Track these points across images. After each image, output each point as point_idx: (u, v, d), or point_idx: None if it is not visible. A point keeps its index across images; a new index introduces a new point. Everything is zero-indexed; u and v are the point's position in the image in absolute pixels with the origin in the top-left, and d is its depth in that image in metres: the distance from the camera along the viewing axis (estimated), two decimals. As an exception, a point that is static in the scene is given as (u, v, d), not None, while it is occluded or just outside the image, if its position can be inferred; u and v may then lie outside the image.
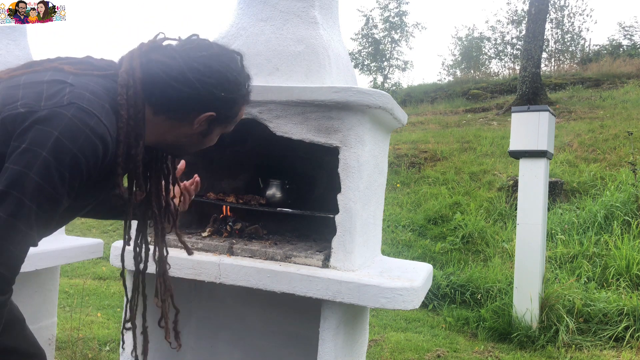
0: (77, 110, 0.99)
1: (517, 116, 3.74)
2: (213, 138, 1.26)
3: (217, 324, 2.26)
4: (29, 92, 1.02)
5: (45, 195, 0.95)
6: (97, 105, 1.03)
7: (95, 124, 1.00)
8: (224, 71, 1.17)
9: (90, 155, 0.98)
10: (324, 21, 2.12)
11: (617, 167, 6.33)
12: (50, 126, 0.96)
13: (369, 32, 18.71)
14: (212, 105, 1.18)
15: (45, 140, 0.94)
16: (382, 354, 3.22)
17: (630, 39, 16.19)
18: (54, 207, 0.98)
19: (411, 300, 1.63)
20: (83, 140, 0.97)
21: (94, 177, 1.04)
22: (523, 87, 10.50)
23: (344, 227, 1.77)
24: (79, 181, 0.99)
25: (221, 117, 1.21)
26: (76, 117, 0.98)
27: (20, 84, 1.06)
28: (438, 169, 7.55)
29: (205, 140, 1.26)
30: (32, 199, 0.93)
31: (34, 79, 1.07)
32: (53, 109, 0.98)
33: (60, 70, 1.10)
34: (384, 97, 1.76)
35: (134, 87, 1.12)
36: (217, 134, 1.27)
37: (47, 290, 2.46)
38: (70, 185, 0.98)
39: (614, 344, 3.40)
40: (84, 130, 0.98)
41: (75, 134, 0.97)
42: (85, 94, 1.03)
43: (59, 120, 0.96)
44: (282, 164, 2.27)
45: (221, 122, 1.23)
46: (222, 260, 1.78)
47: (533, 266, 3.66)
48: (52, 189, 0.95)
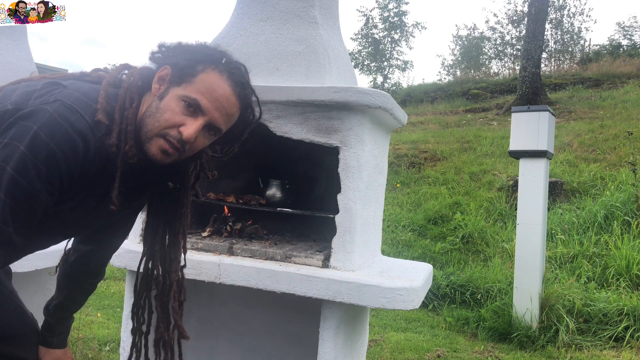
0: (60, 106, 0.99)
1: (517, 116, 3.74)
2: (170, 103, 1.07)
3: (217, 324, 2.26)
4: (22, 93, 1.03)
5: (21, 190, 0.93)
6: (83, 104, 1.02)
7: (76, 120, 0.99)
8: (198, 42, 1.16)
9: (68, 151, 0.96)
10: (324, 21, 2.12)
11: (617, 167, 6.33)
12: (31, 121, 0.95)
13: (369, 32, 18.72)
14: (170, 59, 1.12)
15: (24, 135, 0.94)
16: (382, 354, 3.22)
17: (630, 39, 16.19)
18: (31, 202, 0.96)
19: (411, 300, 1.63)
20: (61, 135, 0.96)
21: (75, 177, 1.01)
22: (523, 87, 10.50)
23: (344, 227, 1.77)
24: (57, 177, 0.97)
25: (175, 73, 1.09)
26: (57, 112, 0.97)
27: (19, 86, 1.07)
28: (438, 169, 7.55)
29: (162, 106, 1.07)
30: (7, 193, 0.92)
31: (33, 82, 1.08)
32: (38, 106, 0.98)
33: (62, 78, 1.10)
34: (384, 97, 1.76)
35: (132, 77, 1.13)
36: (173, 98, 1.07)
37: (47, 290, 2.46)
38: (48, 181, 0.96)
39: (614, 344, 3.40)
40: (63, 125, 0.96)
41: (54, 129, 0.95)
42: (74, 94, 1.03)
43: (40, 116, 0.96)
44: (282, 164, 2.27)
45: (175, 80, 1.09)
46: (222, 260, 1.78)
47: (533, 266, 3.66)
48: (28, 184, 0.93)
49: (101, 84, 1.11)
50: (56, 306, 1.41)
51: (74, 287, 1.43)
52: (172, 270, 1.33)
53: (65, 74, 1.15)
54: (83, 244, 1.39)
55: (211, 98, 1.08)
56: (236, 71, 1.13)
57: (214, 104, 1.08)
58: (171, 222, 1.32)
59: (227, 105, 1.10)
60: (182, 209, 1.31)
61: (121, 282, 4.79)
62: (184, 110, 1.07)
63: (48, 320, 1.41)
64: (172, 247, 1.33)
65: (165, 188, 1.30)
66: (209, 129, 1.12)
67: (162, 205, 1.32)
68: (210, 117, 1.09)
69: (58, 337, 1.40)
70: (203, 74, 1.08)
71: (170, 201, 1.30)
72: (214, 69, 1.10)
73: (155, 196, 1.32)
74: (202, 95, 1.07)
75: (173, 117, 1.06)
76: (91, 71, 1.19)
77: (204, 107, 1.07)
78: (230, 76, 1.11)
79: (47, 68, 10.30)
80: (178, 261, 1.34)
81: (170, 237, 1.33)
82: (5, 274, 1.36)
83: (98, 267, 1.44)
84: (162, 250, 1.33)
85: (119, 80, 1.14)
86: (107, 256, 1.46)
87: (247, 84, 1.15)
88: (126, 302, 1.97)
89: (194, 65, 1.09)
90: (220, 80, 1.09)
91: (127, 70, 1.17)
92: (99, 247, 1.40)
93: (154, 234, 1.33)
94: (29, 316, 1.35)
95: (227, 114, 1.11)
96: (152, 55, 1.15)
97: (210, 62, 1.10)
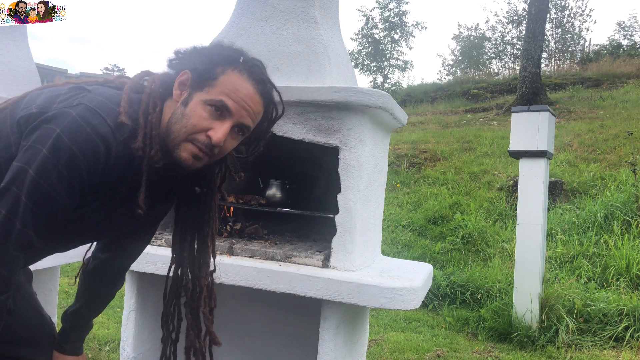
0: (83, 109, 0.99)
1: (517, 116, 3.74)
2: (195, 109, 1.06)
3: (217, 324, 2.25)
4: (47, 97, 1.04)
5: (41, 193, 0.93)
6: (106, 107, 1.02)
7: (98, 124, 0.99)
8: (212, 43, 1.17)
9: (89, 155, 0.97)
10: (324, 21, 2.12)
11: (617, 167, 6.33)
12: (54, 124, 0.96)
13: (369, 32, 18.72)
14: (188, 64, 1.12)
15: (47, 138, 0.94)
16: (382, 354, 3.22)
17: (630, 39, 16.19)
18: (52, 205, 0.96)
19: (411, 300, 1.63)
20: (83, 138, 0.96)
21: (96, 181, 1.00)
22: (523, 87, 10.50)
23: (344, 227, 1.77)
24: (78, 181, 0.97)
25: (196, 78, 1.09)
26: (80, 115, 0.98)
27: (44, 91, 1.07)
28: (438, 169, 7.55)
29: (187, 112, 1.07)
30: (28, 196, 0.92)
31: (58, 87, 1.08)
32: (61, 109, 0.98)
33: (86, 83, 1.11)
34: (384, 97, 1.76)
35: (153, 83, 1.13)
36: (198, 103, 1.07)
37: (47, 290, 2.46)
38: (69, 184, 0.96)
39: (614, 344, 3.40)
40: (85, 129, 0.97)
41: (76, 132, 0.96)
42: (97, 98, 1.04)
43: (63, 119, 0.97)
44: (282, 164, 2.27)
45: (196, 85, 1.08)
46: (222, 260, 1.78)
47: (533, 266, 3.66)
48: (49, 187, 0.94)
49: (123, 90, 1.11)
50: (72, 313, 1.41)
51: (92, 295, 1.42)
52: (202, 275, 1.32)
53: (89, 80, 1.15)
54: (102, 252, 1.38)
55: (236, 99, 1.08)
56: (256, 69, 1.13)
57: (239, 104, 1.08)
58: (199, 226, 1.31)
59: (252, 103, 1.10)
60: (210, 212, 1.30)
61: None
62: (212, 114, 1.07)
63: (64, 326, 1.41)
64: (201, 251, 1.32)
65: (191, 193, 1.29)
66: (238, 130, 1.12)
67: (189, 210, 1.31)
68: (237, 117, 1.09)
69: (72, 344, 1.40)
70: (224, 75, 1.08)
71: (197, 206, 1.30)
72: (234, 69, 1.10)
73: (182, 202, 1.31)
74: (227, 97, 1.07)
75: (200, 122, 1.06)
76: (115, 77, 1.20)
77: (231, 109, 1.07)
78: (250, 74, 1.11)
79: (47, 68, 10.29)
80: (208, 265, 1.33)
81: (199, 242, 1.32)
82: (26, 277, 1.37)
83: (116, 275, 1.43)
84: (190, 256, 1.32)
85: (140, 86, 1.14)
86: (125, 264, 1.45)
87: (268, 80, 1.16)
88: (126, 302, 1.97)
89: (213, 68, 1.09)
90: (241, 80, 1.09)
91: (148, 77, 1.17)
92: (118, 254, 1.39)
93: (183, 240, 1.32)
94: (47, 320, 1.36)
95: (254, 112, 1.12)
96: (169, 62, 1.16)
97: (229, 62, 1.10)
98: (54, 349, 1.37)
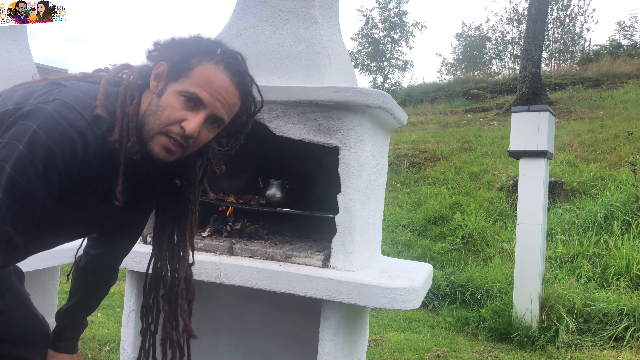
0: (59, 104, 0.98)
1: (517, 116, 3.74)
2: (169, 100, 1.06)
3: (217, 324, 2.26)
4: (23, 93, 1.03)
5: (19, 189, 0.93)
6: (82, 102, 1.02)
7: (74, 118, 0.98)
8: (192, 35, 1.15)
9: (66, 149, 0.96)
10: (324, 21, 2.12)
11: (617, 167, 6.33)
12: (30, 120, 0.95)
13: (369, 32, 18.73)
14: (165, 55, 1.11)
15: (23, 134, 0.94)
16: (382, 354, 3.22)
17: (630, 39, 16.19)
18: (30, 201, 0.95)
19: (411, 300, 1.63)
20: (59, 133, 0.95)
21: (75, 175, 1.00)
22: (523, 87, 10.50)
23: (344, 227, 1.77)
24: (56, 176, 0.96)
25: (172, 69, 1.08)
26: (56, 110, 0.97)
27: (20, 88, 1.07)
28: (438, 169, 7.54)
29: (161, 103, 1.07)
30: (6, 192, 0.92)
31: (35, 84, 1.08)
32: (37, 105, 0.98)
33: (63, 78, 1.10)
34: (384, 97, 1.76)
35: (131, 75, 1.13)
36: (172, 94, 1.07)
37: (47, 290, 2.46)
38: (46, 179, 0.95)
39: (614, 344, 3.40)
40: (61, 124, 0.96)
41: (52, 127, 0.95)
42: (73, 92, 1.03)
43: (39, 115, 0.96)
44: (282, 164, 2.27)
45: (172, 76, 1.08)
46: (222, 260, 1.78)
47: (533, 266, 3.66)
48: (27, 183, 0.93)
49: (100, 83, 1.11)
50: (66, 310, 1.42)
51: (84, 292, 1.43)
52: (180, 268, 1.33)
53: (67, 75, 1.15)
54: (93, 248, 1.39)
55: (210, 90, 1.07)
56: (233, 60, 1.12)
57: (213, 96, 1.07)
58: (179, 219, 1.31)
59: (227, 95, 1.09)
60: (189, 205, 1.30)
61: (121, 282, 4.78)
62: (184, 105, 1.06)
63: (58, 324, 1.41)
64: (180, 245, 1.33)
65: (172, 186, 1.29)
66: (212, 122, 1.11)
67: (169, 203, 1.31)
68: (211, 109, 1.08)
69: (67, 342, 1.40)
70: (199, 66, 1.07)
71: (177, 199, 1.30)
72: (210, 61, 1.08)
73: (163, 195, 1.32)
74: (200, 89, 1.06)
75: (174, 114, 1.06)
76: (93, 72, 1.19)
77: (204, 100, 1.06)
78: (227, 66, 1.09)
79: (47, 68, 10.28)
80: (186, 259, 1.33)
81: (179, 235, 1.32)
82: (17, 277, 1.37)
83: (108, 270, 1.44)
84: (170, 248, 1.33)
85: (118, 79, 1.14)
86: (117, 260, 1.45)
87: (245, 72, 1.14)
88: (126, 302, 1.97)
89: (189, 59, 1.08)
90: (217, 71, 1.08)
91: (127, 70, 1.17)
92: (108, 250, 1.40)
93: (162, 233, 1.33)
94: (40, 319, 1.36)
95: (229, 104, 1.11)
96: (148, 53, 1.15)
97: (205, 53, 1.09)
98: (49, 347, 1.37)
